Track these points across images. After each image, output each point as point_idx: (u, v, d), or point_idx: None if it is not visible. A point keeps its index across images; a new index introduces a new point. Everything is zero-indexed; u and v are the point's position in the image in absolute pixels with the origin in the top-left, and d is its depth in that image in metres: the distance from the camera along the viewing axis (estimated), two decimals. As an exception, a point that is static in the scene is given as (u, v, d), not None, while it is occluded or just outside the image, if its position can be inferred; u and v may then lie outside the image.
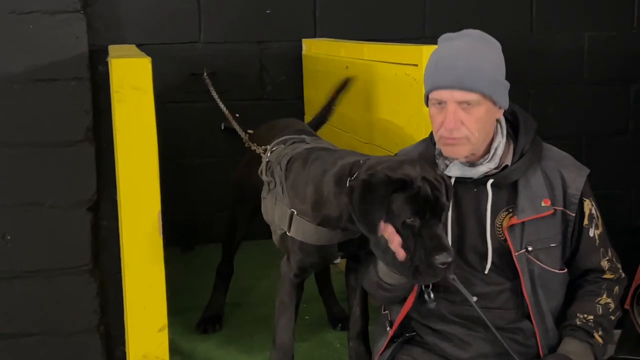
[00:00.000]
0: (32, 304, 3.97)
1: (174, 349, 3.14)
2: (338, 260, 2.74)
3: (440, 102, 2.43)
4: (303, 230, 2.64)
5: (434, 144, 2.55)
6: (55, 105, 3.82)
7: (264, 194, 2.87)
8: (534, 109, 4.64)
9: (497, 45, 2.51)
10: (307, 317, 3.40)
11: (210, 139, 4.38)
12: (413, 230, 2.33)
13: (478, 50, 2.45)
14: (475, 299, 2.47)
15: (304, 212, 2.63)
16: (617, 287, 2.59)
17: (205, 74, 4.08)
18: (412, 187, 2.33)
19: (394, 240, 2.32)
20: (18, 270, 3.94)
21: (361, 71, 3.45)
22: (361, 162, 2.49)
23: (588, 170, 2.57)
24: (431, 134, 2.57)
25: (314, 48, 4.27)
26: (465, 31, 2.51)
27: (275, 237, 2.84)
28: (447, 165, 2.51)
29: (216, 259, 3.97)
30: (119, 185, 2.78)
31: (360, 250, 2.66)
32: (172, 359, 3.01)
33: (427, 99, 2.51)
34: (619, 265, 2.62)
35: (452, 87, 2.40)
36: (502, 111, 2.51)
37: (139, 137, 2.75)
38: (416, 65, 2.91)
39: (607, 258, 2.58)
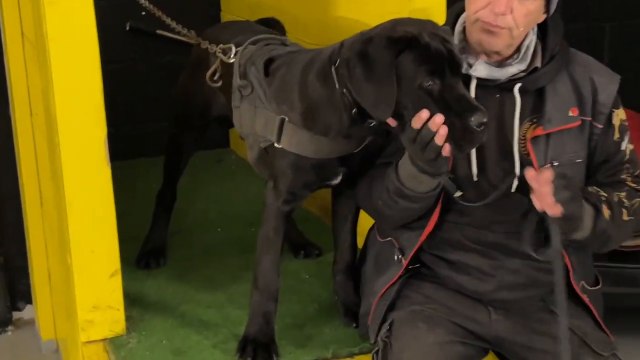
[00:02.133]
0: None
1: (119, 291, 2.77)
2: (337, 180, 2.36)
3: None
4: (297, 140, 2.25)
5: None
6: None
7: (235, 102, 2.44)
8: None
9: None
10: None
11: (114, 42, 3.84)
12: (433, 95, 2.01)
13: None
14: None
15: (295, 122, 2.25)
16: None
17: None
18: (421, 44, 2.01)
19: (439, 130, 1.98)
20: None
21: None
22: (339, 45, 2.16)
23: (619, 77, 2.29)
24: (447, 25, 2.23)
25: None
26: None
27: (251, 155, 2.43)
28: (470, 65, 2.18)
29: (141, 177, 3.59)
30: (56, 107, 2.38)
31: (362, 167, 2.32)
32: (122, 304, 2.67)
33: None
34: None
35: None
36: (545, 17, 2.20)
37: (78, 47, 2.38)
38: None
39: (636, 174, 2.31)
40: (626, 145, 2.27)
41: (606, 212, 2.18)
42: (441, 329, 2.25)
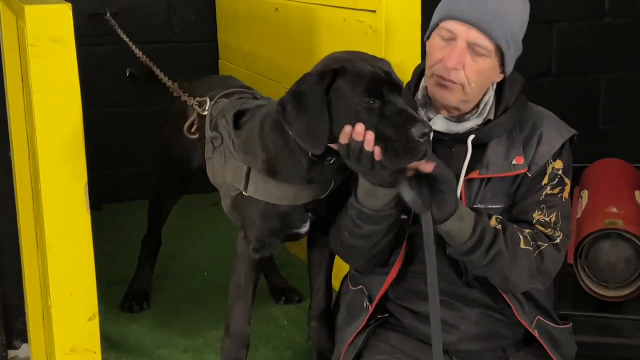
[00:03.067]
0: None
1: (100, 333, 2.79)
2: (306, 228, 2.39)
3: (450, 37, 2.15)
4: (263, 188, 2.30)
5: (413, 94, 2.28)
6: None
7: (208, 154, 2.50)
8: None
9: (528, 3, 2.25)
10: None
11: (114, 87, 3.94)
12: (374, 114, 2.03)
13: None
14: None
15: (260, 170, 2.30)
16: (545, 245, 2.23)
17: (107, 14, 3.69)
18: (352, 70, 2.06)
19: (365, 135, 1.99)
20: None
21: (298, 15, 3.08)
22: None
23: (573, 132, 2.30)
24: (409, 83, 2.29)
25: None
26: None
27: (225, 204, 2.49)
28: (430, 119, 2.23)
29: (131, 219, 3.63)
30: (38, 155, 2.41)
31: (330, 214, 2.34)
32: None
33: (432, 29, 2.22)
34: (563, 229, 2.27)
35: (473, 23, 2.12)
36: (502, 77, 2.25)
37: (60, 97, 2.41)
38: (374, 11, 2.57)
39: (552, 218, 2.26)
40: (551, 191, 2.25)
41: (494, 221, 2.17)
42: (406, 379, 2.27)
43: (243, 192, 2.34)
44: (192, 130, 2.57)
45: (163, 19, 4.03)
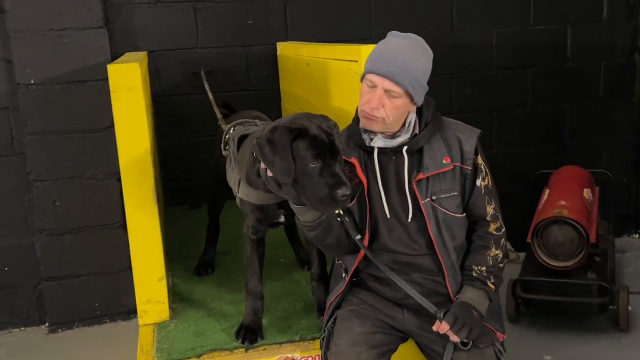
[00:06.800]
0: (79, 253, 3.75)
1: (176, 290, 2.84)
2: (282, 219, 2.37)
3: (372, 85, 2.10)
4: (247, 192, 2.30)
5: (357, 123, 2.20)
6: (87, 100, 3.59)
7: (227, 166, 2.49)
8: (456, 90, 4.30)
9: (431, 53, 2.17)
10: (282, 260, 3.05)
11: (207, 122, 3.95)
12: (315, 171, 2.01)
13: (415, 54, 2.11)
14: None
15: (244, 180, 2.30)
16: (502, 239, 2.23)
17: (202, 72, 3.78)
18: (309, 135, 2.01)
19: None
20: (66, 228, 3.72)
21: (319, 67, 3.05)
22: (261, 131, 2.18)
23: (479, 131, 2.23)
24: (355, 116, 2.22)
25: (285, 49, 3.85)
26: (411, 34, 2.16)
27: (237, 201, 2.46)
28: (371, 139, 2.17)
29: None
30: (121, 167, 2.44)
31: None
32: (173, 299, 2.73)
33: (362, 78, 2.16)
34: (500, 216, 2.24)
35: (386, 76, 2.07)
36: (415, 107, 2.17)
37: (133, 128, 2.46)
38: (356, 61, 2.50)
39: (492, 207, 2.22)
40: (480, 182, 2.19)
41: (491, 286, 2.16)
42: (368, 322, 2.21)
43: (237, 194, 2.34)
44: (225, 149, 2.56)
45: (243, 74, 4.02)
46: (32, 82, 3.50)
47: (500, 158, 4.38)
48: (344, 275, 2.30)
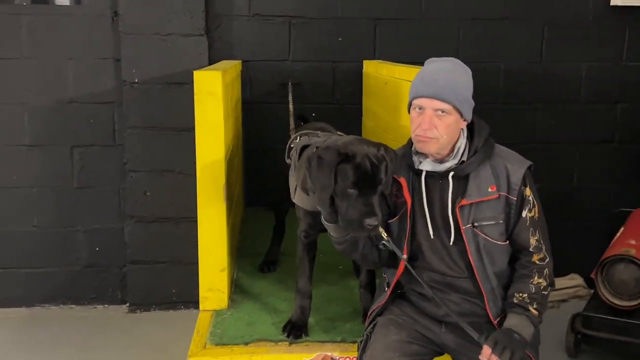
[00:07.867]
0: (163, 241, 3.98)
1: (238, 283, 3.03)
2: None
3: (420, 108, 2.20)
4: (301, 198, 2.45)
5: (411, 145, 2.31)
6: (182, 101, 3.78)
7: (290, 173, 2.66)
8: (541, 120, 4.28)
9: (469, 71, 2.26)
10: (340, 267, 3.18)
11: (288, 131, 4.16)
12: (352, 197, 2.12)
13: (455, 72, 2.21)
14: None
15: (300, 187, 2.45)
16: (546, 269, 2.25)
17: (289, 84, 3.95)
18: (354, 162, 2.12)
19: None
20: (154, 217, 3.96)
21: (394, 86, 3.18)
22: (322, 143, 2.30)
23: (529, 163, 2.27)
24: (409, 139, 2.32)
25: (369, 67, 4.00)
26: (447, 57, 2.26)
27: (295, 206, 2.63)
28: (421, 162, 2.27)
29: (287, 217, 3.81)
30: (197, 165, 2.64)
31: None
32: (234, 290, 2.91)
33: (410, 106, 2.26)
34: (544, 247, 2.26)
35: (432, 97, 2.17)
36: (466, 123, 2.25)
37: (211, 130, 2.67)
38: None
39: (536, 238, 2.24)
40: (526, 214, 2.23)
41: (533, 311, 2.18)
42: (405, 331, 2.30)
43: (293, 200, 2.49)
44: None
45: (329, 88, 4.18)
46: (136, 80, 3.79)
47: (580, 192, 4.32)
48: (386, 288, 2.42)
